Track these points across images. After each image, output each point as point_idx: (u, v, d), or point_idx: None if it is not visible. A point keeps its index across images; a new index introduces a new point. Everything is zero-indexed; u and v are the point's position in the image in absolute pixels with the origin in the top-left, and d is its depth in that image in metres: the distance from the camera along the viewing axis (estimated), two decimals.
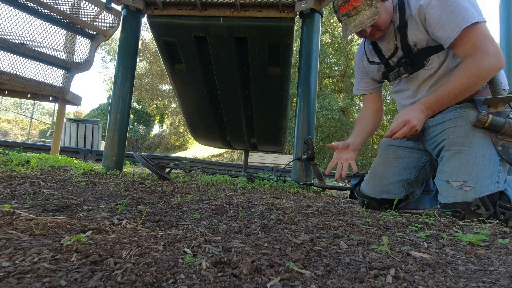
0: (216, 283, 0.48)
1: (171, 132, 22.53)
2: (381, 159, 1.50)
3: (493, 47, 1.14)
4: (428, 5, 1.21)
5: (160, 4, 2.62)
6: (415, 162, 1.45)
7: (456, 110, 1.28)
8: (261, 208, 1.09)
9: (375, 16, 1.25)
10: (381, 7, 1.27)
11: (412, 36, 1.30)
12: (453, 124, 1.27)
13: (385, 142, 1.52)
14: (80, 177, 1.73)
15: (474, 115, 1.22)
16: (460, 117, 1.26)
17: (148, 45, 18.85)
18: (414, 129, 1.20)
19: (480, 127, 1.19)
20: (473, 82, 1.16)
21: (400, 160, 1.45)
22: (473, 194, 1.13)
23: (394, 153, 1.47)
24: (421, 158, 1.45)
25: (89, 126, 7.66)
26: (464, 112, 1.26)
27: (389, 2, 1.32)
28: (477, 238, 0.77)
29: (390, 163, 1.46)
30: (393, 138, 1.24)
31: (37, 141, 12.17)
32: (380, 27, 1.32)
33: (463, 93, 1.19)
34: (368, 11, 1.26)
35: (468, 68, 1.16)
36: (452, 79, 1.19)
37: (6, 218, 0.74)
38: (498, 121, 1.16)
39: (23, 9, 2.63)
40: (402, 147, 1.47)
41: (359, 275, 0.54)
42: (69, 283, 0.45)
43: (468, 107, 1.26)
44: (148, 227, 0.78)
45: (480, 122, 1.18)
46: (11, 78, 2.72)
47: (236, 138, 3.85)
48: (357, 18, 1.28)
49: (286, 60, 2.82)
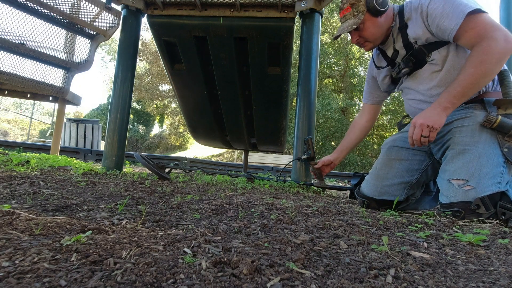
0: (216, 283, 0.48)
1: (171, 132, 22.53)
2: (384, 160, 1.50)
3: (499, 32, 1.15)
4: (430, 2, 1.26)
5: (160, 4, 2.62)
6: (418, 164, 1.45)
7: (464, 110, 1.28)
8: (261, 208, 1.09)
9: (354, 25, 1.40)
10: (369, 21, 1.40)
11: (412, 33, 1.34)
12: (461, 124, 1.27)
13: (389, 143, 1.52)
14: (80, 177, 1.73)
15: (483, 116, 1.22)
16: (468, 117, 1.26)
17: (148, 45, 18.84)
18: (434, 129, 1.20)
19: (489, 127, 1.19)
20: (485, 69, 1.15)
21: (402, 162, 1.45)
22: (473, 194, 1.13)
23: (397, 155, 1.47)
24: (424, 161, 1.45)
25: (89, 126, 7.65)
26: (472, 112, 1.26)
27: (384, 16, 1.40)
28: (477, 238, 0.77)
29: (393, 164, 1.46)
30: (417, 145, 1.25)
31: (37, 141, 12.16)
32: (368, 38, 1.45)
33: (478, 81, 1.17)
34: (351, 21, 1.41)
35: (476, 56, 1.16)
36: (463, 70, 1.20)
37: (6, 218, 0.74)
38: (507, 122, 1.16)
39: (23, 9, 2.62)
40: (405, 149, 1.47)
41: (359, 275, 0.54)
42: (69, 283, 0.45)
43: (477, 107, 1.26)
44: (148, 227, 0.78)
45: (489, 122, 1.18)
46: (11, 78, 2.72)
47: (236, 138, 3.85)
48: (343, 25, 1.45)
49: (286, 60, 2.82)
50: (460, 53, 1.28)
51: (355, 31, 1.44)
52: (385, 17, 1.41)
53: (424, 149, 1.46)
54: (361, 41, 1.47)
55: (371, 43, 1.47)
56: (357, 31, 1.44)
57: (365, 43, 1.47)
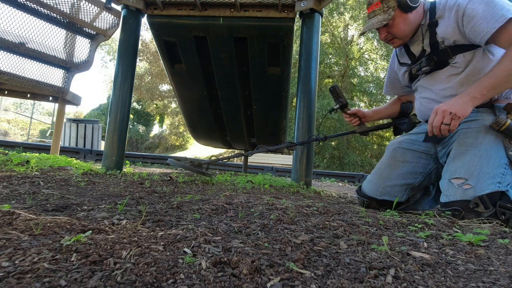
0: (216, 283, 0.48)
1: (171, 132, 22.52)
2: (388, 160, 1.50)
3: None
4: (469, 2, 1.22)
5: (160, 4, 2.62)
6: (422, 168, 1.45)
7: (473, 113, 1.27)
8: (261, 208, 1.09)
9: (383, 21, 1.34)
10: (399, 17, 1.36)
11: (442, 32, 1.31)
12: (467, 126, 1.28)
13: (395, 144, 1.53)
14: (80, 177, 1.73)
15: (491, 119, 1.22)
16: (476, 120, 1.26)
17: (148, 45, 18.83)
18: (456, 117, 1.16)
19: (497, 129, 1.19)
20: None
21: (407, 164, 1.45)
22: (472, 193, 1.14)
23: (402, 156, 1.47)
24: (429, 165, 1.45)
25: (89, 126, 7.65)
26: (481, 116, 1.26)
27: (415, 13, 1.36)
28: (477, 238, 0.77)
29: (397, 165, 1.46)
30: (436, 134, 1.22)
31: (37, 141, 12.16)
32: (397, 35, 1.40)
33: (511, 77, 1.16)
34: (380, 16, 1.37)
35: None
36: (498, 63, 1.18)
37: (6, 218, 0.74)
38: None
39: (23, 9, 2.62)
40: (411, 151, 1.47)
41: (359, 275, 0.54)
42: (69, 283, 0.45)
43: (486, 111, 1.27)
44: (148, 227, 0.78)
45: (498, 124, 1.18)
46: (11, 78, 2.72)
47: (236, 138, 3.85)
48: (371, 20, 1.40)
49: (286, 60, 2.82)
50: (485, 60, 1.26)
51: (384, 27, 1.40)
52: (415, 14, 1.37)
53: (430, 153, 1.45)
54: (389, 38, 1.43)
55: (400, 40, 1.43)
56: (385, 27, 1.40)
57: (394, 40, 1.44)
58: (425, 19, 1.38)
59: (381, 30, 1.42)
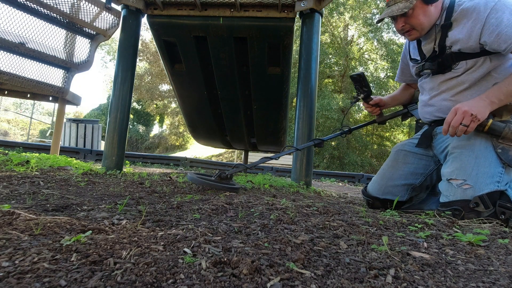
0: (216, 283, 0.48)
1: (171, 132, 22.53)
2: (391, 162, 1.56)
3: None
4: (493, 9, 1.19)
5: (160, 4, 2.62)
6: (423, 169, 1.49)
7: None
8: (261, 208, 1.09)
9: (404, 9, 1.29)
10: (419, 8, 1.31)
11: (453, 36, 1.29)
12: None
13: (398, 147, 1.58)
14: (80, 177, 1.73)
15: None
16: None
17: (148, 45, 18.84)
18: (476, 119, 1.15)
19: (481, 130, 1.21)
20: None
21: (408, 166, 1.50)
22: (472, 192, 1.15)
23: (404, 158, 1.52)
24: (429, 166, 1.49)
25: (89, 126, 7.65)
26: None
27: (435, 6, 1.33)
28: (477, 238, 0.77)
29: (399, 166, 1.51)
30: (451, 134, 1.21)
31: (37, 141, 12.16)
32: (415, 26, 1.35)
33: None
34: (401, 4, 1.32)
35: None
36: None
37: (6, 218, 0.74)
38: (498, 125, 1.18)
39: (23, 9, 2.62)
40: (412, 153, 1.52)
41: (359, 275, 0.54)
42: (69, 283, 0.45)
43: None
44: (148, 227, 0.78)
45: (481, 126, 1.20)
46: (11, 78, 2.71)
47: (236, 138, 3.85)
48: (391, 8, 1.35)
49: (286, 60, 2.82)
50: (485, 68, 1.25)
51: (402, 16, 1.35)
52: (435, 8, 1.33)
53: (430, 155, 1.50)
54: (406, 28, 1.38)
55: (417, 32, 1.38)
56: (403, 17, 1.35)
57: (412, 31, 1.38)
58: (440, 19, 1.35)
59: (399, 19, 1.38)
